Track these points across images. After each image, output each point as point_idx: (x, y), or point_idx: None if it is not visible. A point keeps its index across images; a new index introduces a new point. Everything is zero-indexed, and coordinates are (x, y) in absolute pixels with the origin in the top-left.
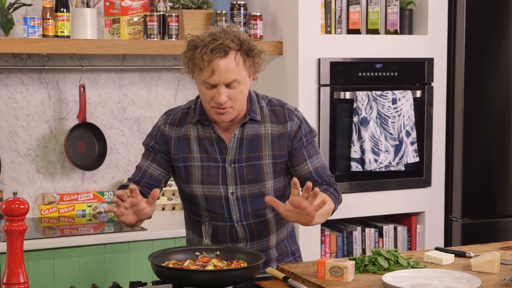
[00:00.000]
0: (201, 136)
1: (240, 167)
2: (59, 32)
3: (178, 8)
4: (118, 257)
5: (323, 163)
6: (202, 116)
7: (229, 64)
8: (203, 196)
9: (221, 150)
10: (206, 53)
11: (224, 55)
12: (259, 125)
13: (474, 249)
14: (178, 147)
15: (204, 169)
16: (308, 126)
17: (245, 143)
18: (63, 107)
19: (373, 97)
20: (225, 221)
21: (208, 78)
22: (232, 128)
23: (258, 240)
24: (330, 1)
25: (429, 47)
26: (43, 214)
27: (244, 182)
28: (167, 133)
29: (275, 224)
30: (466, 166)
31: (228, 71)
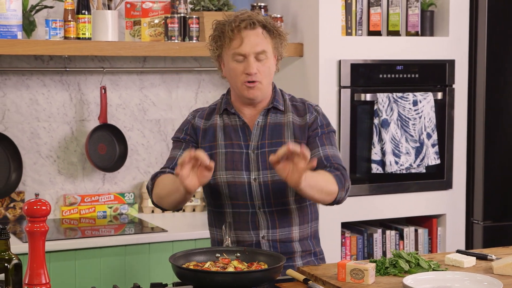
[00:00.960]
0: (226, 124)
1: (263, 152)
2: (81, 34)
3: (198, 10)
4: (139, 259)
5: (336, 154)
6: (228, 105)
7: (258, 35)
8: (226, 184)
9: (245, 136)
10: (235, 24)
11: (252, 27)
12: (282, 115)
13: (496, 252)
14: (205, 137)
15: (228, 155)
16: (325, 120)
17: (267, 130)
18: (84, 108)
19: (394, 99)
20: (247, 208)
21: (238, 48)
22: (256, 117)
23: (280, 229)
24: (351, 2)
25: (450, 49)
26: (64, 215)
27: (266, 168)
28: (197, 125)
29: (298, 217)
30: (487, 168)
31: (257, 41)
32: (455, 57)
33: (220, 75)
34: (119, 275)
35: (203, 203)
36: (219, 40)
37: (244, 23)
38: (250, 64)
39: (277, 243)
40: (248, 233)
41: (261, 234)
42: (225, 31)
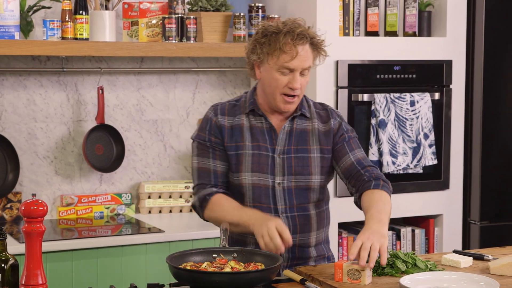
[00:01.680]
0: (253, 125)
1: (288, 158)
2: (78, 34)
3: (196, 10)
4: (136, 259)
5: (365, 156)
6: (255, 106)
7: (308, 51)
8: (251, 185)
9: (272, 140)
10: (292, 37)
11: (305, 42)
12: (307, 121)
13: (493, 252)
14: (231, 136)
15: (255, 157)
16: (349, 126)
17: (294, 135)
18: (81, 109)
19: (391, 99)
20: (270, 211)
21: (288, 62)
22: (283, 121)
23: (300, 234)
24: (349, 3)
25: (447, 49)
26: (61, 215)
27: (291, 173)
28: (221, 123)
29: (316, 222)
30: (484, 169)
31: (306, 58)
32: (452, 58)
33: (249, 75)
34: (116, 276)
35: None
36: (266, 47)
37: (299, 38)
38: (296, 80)
39: (296, 248)
40: None
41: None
42: (278, 41)
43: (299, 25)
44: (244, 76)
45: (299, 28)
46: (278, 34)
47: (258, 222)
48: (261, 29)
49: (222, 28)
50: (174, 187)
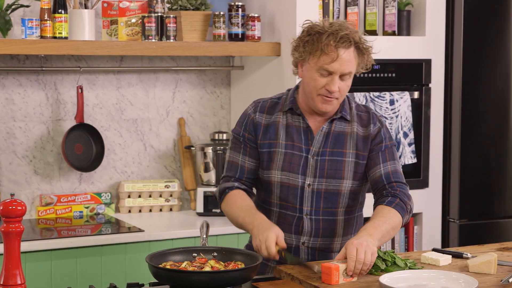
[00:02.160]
0: (289, 124)
1: (322, 160)
2: (57, 33)
3: (176, 9)
4: (115, 259)
5: (396, 169)
6: (294, 104)
7: (350, 55)
8: (279, 184)
9: (307, 140)
10: (334, 39)
11: (348, 46)
12: (347, 124)
13: (471, 250)
14: (266, 133)
15: (287, 156)
16: (388, 133)
17: (331, 137)
18: (60, 108)
19: (371, 98)
20: (294, 211)
21: (328, 64)
22: (321, 123)
23: (322, 238)
24: (328, 2)
25: (427, 48)
26: (40, 215)
27: (323, 176)
28: (258, 120)
29: (342, 228)
30: (463, 167)
31: (348, 62)
32: (431, 57)
33: (293, 72)
34: (96, 275)
35: (180, 203)
36: (309, 46)
37: (342, 41)
38: (334, 83)
39: (316, 251)
40: (289, 236)
41: (302, 240)
42: (321, 42)
43: (346, 28)
44: (224, 75)
45: (344, 31)
46: (322, 34)
47: (259, 228)
48: (306, 27)
49: (202, 27)
50: (154, 186)
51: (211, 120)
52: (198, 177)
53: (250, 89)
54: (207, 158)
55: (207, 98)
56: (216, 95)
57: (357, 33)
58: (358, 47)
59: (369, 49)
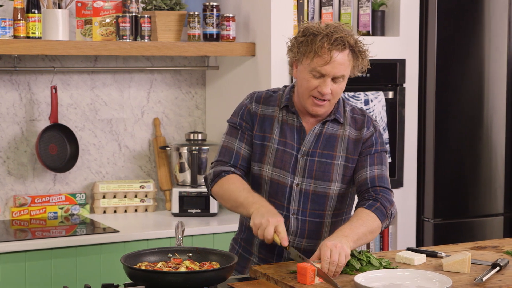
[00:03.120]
0: (284, 121)
1: (311, 160)
2: (31, 33)
3: (150, 9)
4: (90, 259)
5: (383, 174)
6: (289, 102)
7: (344, 58)
8: (270, 179)
9: (299, 139)
10: (328, 42)
11: (342, 49)
12: (339, 127)
13: (446, 249)
14: (262, 125)
15: (279, 152)
16: (381, 139)
17: (322, 139)
18: (34, 108)
19: (346, 98)
20: (282, 210)
21: (320, 67)
22: (314, 123)
23: (307, 239)
24: (303, 2)
25: (401, 49)
26: (14, 216)
27: (311, 176)
28: (254, 110)
29: (328, 230)
30: (437, 167)
31: (341, 65)
32: (405, 57)
33: (289, 71)
34: (70, 277)
35: (155, 203)
36: (303, 47)
37: (336, 44)
38: (326, 85)
39: (301, 251)
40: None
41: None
42: (315, 43)
43: (341, 31)
44: (199, 75)
45: (339, 33)
46: (317, 36)
47: (261, 211)
48: (302, 28)
49: (176, 27)
50: (129, 186)
51: (186, 120)
52: (173, 178)
53: (225, 89)
54: (182, 158)
55: (182, 98)
56: (191, 95)
57: (352, 36)
58: (353, 50)
59: (365, 52)
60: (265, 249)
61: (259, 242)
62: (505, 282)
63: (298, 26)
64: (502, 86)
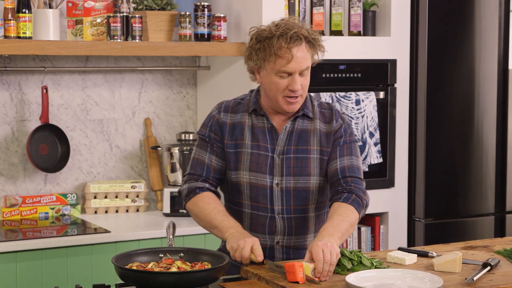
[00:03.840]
0: (254, 125)
1: (287, 158)
2: (21, 33)
3: (141, 9)
4: (81, 260)
5: (353, 164)
6: (257, 106)
7: (303, 51)
8: (249, 184)
9: (272, 140)
10: (285, 41)
11: (300, 43)
12: (310, 121)
13: (437, 249)
14: (232, 134)
15: (254, 156)
16: (350, 129)
17: (294, 135)
18: (25, 108)
19: (337, 98)
20: (266, 212)
21: (285, 66)
22: (285, 121)
23: (295, 236)
24: (294, 2)
25: (392, 49)
26: (5, 217)
27: (290, 174)
28: (223, 120)
29: (314, 224)
30: (428, 167)
31: (303, 58)
32: (396, 57)
33: (251, 79)
34: (62, 277)
35: (147, 204)
36: (261, 53)
37: (293, 40)
38: (295, 82)
39: (291, 249)
40: (263, 237)
41: (276, 239)
42: (273, 46)
43: (292, 26)
44: (190, 75)
45: (292, 29)
46: (272, 38)
47: (236, 235)
48: (254, 34)
49: (167, 27)
50: (120, 187)
51: (178, 120)
52: (164, 178)
53: (216, 89)
54: (174, 158)
55: (173, 98)
56: (182, 95)
57: (303, 28)
58: (309, 41)
59: (318, 39)
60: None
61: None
62: (496, 282)
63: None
64: (493, 86)
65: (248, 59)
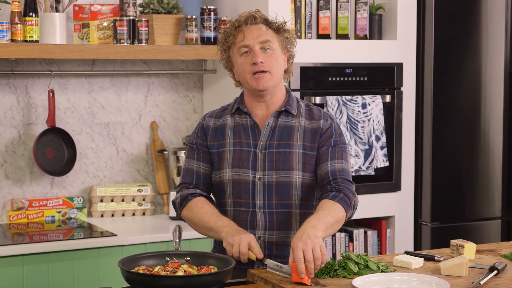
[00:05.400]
0: (237, 124)
1: (270, 153)
2: (28, 36)
3: (148, 13)
4: (88, 263)
5: (343, 168)
6: (241, 104)
7: (261, 28)
8: (231, 181)
9: (255, 136)
10: (238, 21)
11: (253, 22)
12: (293, 118)
13: (443, 253)
14: (215, 135)
15: (236, 153)
16: (339, 130)
17: (277, 131)
18: (32, 112)
19: (343, 102)
20: (248, 207)
21: (242, 41)
22: (268, 118)
23: (277, 231)
24: (300, 6)
25: (398, 52)
26: (12, 220)
27: (272, 168)
28: (207, 124)
29: (298, 222)
30: (435, 170)
31: (260, 33)
32: (403, 60)
33: (235, 84)
34: (68, 280)
35: (153, 207)
36: (225, 42)
37: (245, 18)
38: (255, 53)
39: (273, 245)
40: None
41: (258, 234)
42: (230, 31)
43: (248, 13)
44: (196, 78)
45: (247, 12)
46: (228, 27)
47: (232, 232)
48: (220, 32)
49: (174, 30)
50: (126, 190)
51: (184, 124)
52: (171, 181)
53: (222, 92)
54: (180, 162)
55: (180, 102)
56: (188, 99)
57: (260, 14)
58: (267, 22)
59: (282, 25)
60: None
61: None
62: (503, 286)
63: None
64: (499, 90)
65: (221, 58)
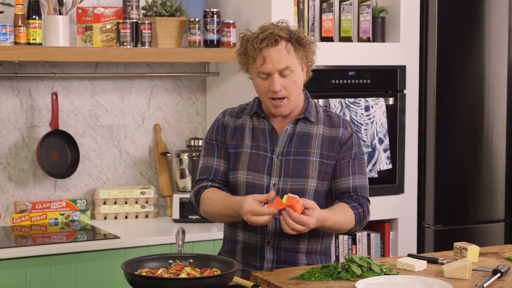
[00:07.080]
0: (255, 127)
1: (287, 160)
2: (31, 39)
3: (151, 15)
4: (91, 266)
5: (363, 184)
6: (259, 108)
7: (280, 51)
8: (245, 184)
9: (272, 141)
10: (257, 42)
11: (274, 43)
12: (312, 125)
13: (446, 255)
14: (233, 135)
15: (253, 156)
16: (359, 141)
17: (295, 138)
18: (35, 114)
19: (346, 105)
20: None
21: (261, 67)
22: (286, 124)
23: (286, 237)
24: (303, 9)
25: (401, 55)
26: (15, 222)
27: (288, 175)
28: (226, 122)
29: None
30: (438, 173)
31: (280, 58)
32: (406, 63)
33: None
34: (71, 283)
35: (156, 209)
36: (244, 57)
37: (266, 41)
38: (274, 82)
39: (282, 251)
40: (255, 236)
41: (267, 239)
42: (248, 49)
43: (271, 28)
44: (199, 81)
45: (268, 30)
46: (249, 41)
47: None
48: (240, 39)
49: (177, 33)
50: (129, 193)
51: (187, 126)
52: (174, 184)
53: (225, 95)
54: (183, 164)
55: (183, 105)
56: (191, 102)
57: (283, 30)
58: (291, 42)
59: (304, 39)
60: (247, 253)
61: (241, 247)
62: None
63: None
64: (502, 92)
65: (239, 64)
